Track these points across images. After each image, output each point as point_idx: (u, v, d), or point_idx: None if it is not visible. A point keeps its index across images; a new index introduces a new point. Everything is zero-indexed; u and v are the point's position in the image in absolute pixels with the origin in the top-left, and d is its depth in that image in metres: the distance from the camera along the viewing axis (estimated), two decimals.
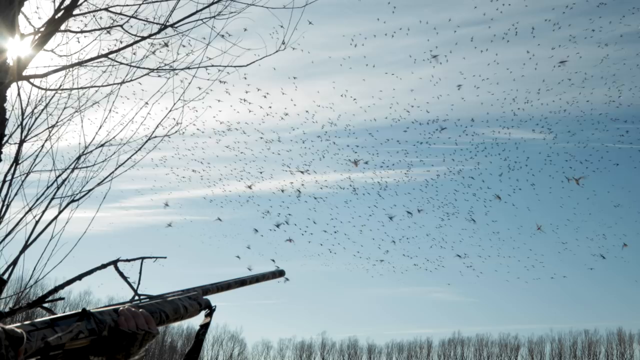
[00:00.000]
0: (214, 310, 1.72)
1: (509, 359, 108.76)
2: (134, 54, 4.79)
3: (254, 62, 5.21)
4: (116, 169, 5.11)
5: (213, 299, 1.77)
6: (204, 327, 1.68)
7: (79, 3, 4.23)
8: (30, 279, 4.46)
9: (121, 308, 1.43)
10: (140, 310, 1.47)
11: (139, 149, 5.26)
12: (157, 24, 4.28)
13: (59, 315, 1.31)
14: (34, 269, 4.35)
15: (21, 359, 1.10)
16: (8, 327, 1.09)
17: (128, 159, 5.19)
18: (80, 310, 1.33)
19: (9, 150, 4.85)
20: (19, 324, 1.17)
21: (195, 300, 1.67)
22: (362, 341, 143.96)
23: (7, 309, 1.45)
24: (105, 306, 1.44)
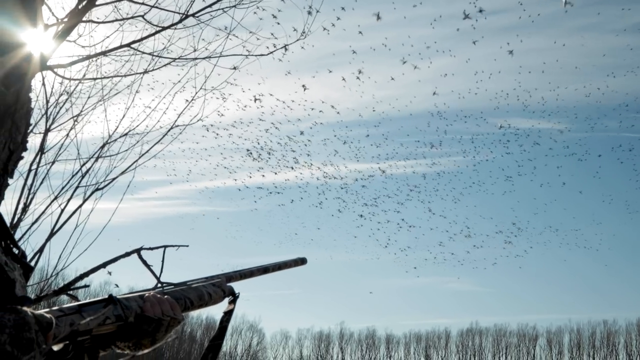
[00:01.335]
0: (238, 297, 1.73)
1: (527, 349, 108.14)
2: (156, 41, 4.82)
3: (274, 50, 5.23)
4: (139, 158, 5.18)
5: (236, 286, 1.78)
6: (228, 314, 1.69)
7: None
8: (56, 266, 4.53)
9: (147, 294, 1.44)
10: (166, 296, 1.48)
11: (162, 138, 5.32)
12: (178, 13, 4.29)
13: (86, 301, 1.32)
14: (59, 257, 4.42)
15: (50, 343, 1.11)
16: (37, 312, 1.10)
17: (151, 147, 5.26)
18: (106, 297, 1.35)
19: (34, 139, 4.92)
20: (47, 310, 1.19)
21: (219, 287, 1.68)
22: (380, 331, 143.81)
23: (33, 297, 1.47)
24: (131, 293, 1.46)
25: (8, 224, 1.38)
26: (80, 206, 4.69)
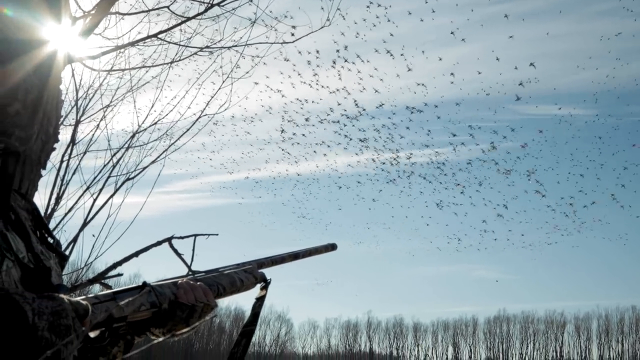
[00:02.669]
0: (269, 283, 1.73)
1: (555, 336, 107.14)
2: (182, 31, 4.84)
3: (299, 38, 5.20)
4: (169, 146, 5.24)
5: (267, 273, 1.78)
6: (260, 300, 1.69)
7: None
8: (88, 257, 4.60)
9: (180, 281, 1.45)
10: (199, 283, 1.49)
11: (191, 127, 5.36)
12: (203, 3, 4.29)
13: (121, 288, 1.34)
14: (92, 247, 4.48)
15: (86, 330, 1.12)
16: (74, 299, 1.12)
17: (180, 136, 5.31)
18: (141, 284, 1.36)
19: (65, 132, 5.00)
20: (83, 297, 1.20)
21: (251, 274, 1.68)
22: (408, 319, 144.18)
23: (68, 285, 1.49)
24: (164, 280, 1.47)
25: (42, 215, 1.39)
26: (112, 195, 4.76)
